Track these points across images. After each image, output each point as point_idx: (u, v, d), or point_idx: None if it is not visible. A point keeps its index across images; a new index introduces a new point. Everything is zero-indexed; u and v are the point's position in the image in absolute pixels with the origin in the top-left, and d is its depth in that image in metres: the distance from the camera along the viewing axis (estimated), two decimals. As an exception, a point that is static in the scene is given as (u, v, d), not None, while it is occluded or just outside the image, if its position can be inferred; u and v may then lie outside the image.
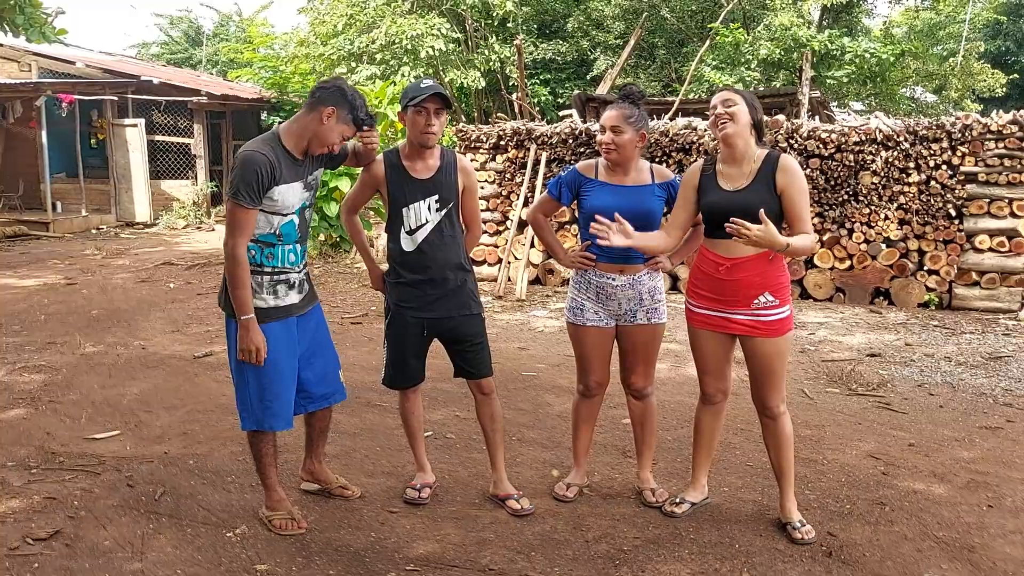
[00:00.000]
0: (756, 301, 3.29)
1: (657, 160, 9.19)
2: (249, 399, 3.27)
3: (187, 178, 17.15)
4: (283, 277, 3.27)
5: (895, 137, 8.40)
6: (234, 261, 3.10)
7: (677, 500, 3.62)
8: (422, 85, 3.40)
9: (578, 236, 3.82)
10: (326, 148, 3.21)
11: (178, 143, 17.18)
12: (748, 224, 3.00)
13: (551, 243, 3.84)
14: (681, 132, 9.13)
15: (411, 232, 3.48)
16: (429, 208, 3.48)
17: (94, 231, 15.16)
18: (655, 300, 3.60)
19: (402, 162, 3.50)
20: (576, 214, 4.08)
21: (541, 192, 9.49)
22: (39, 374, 5.63)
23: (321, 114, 3.15)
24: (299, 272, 3.35)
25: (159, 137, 16.95)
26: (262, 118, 18.98)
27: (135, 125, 16.04)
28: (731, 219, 3.06)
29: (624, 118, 3.43)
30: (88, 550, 3.18)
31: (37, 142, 14.94)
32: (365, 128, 3.28)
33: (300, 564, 3.13)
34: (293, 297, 3.32)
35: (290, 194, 3.19)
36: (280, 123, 3.33)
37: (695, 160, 8.96)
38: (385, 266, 3.70)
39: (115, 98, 15.91)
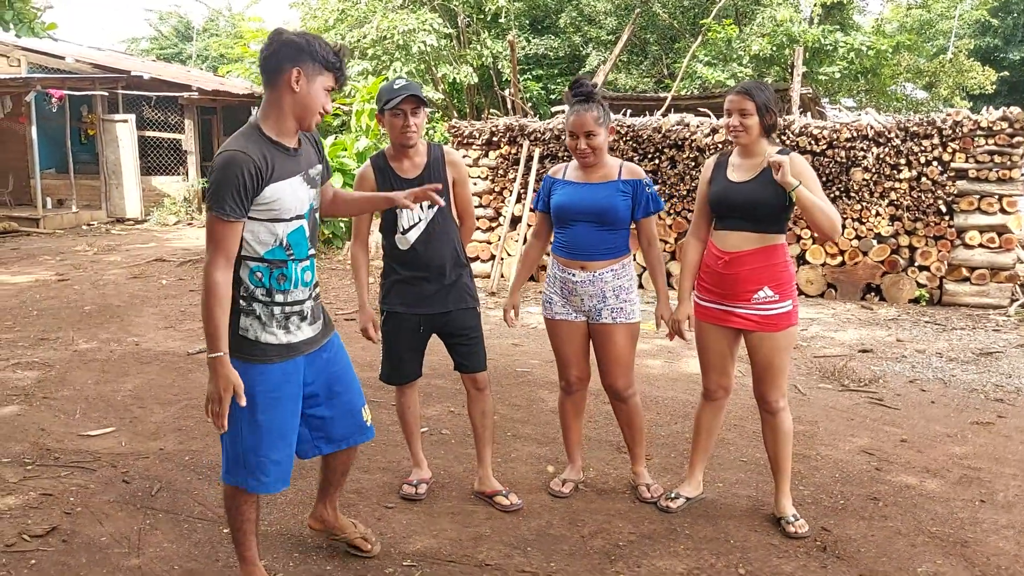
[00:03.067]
0: (755, 296, 3.31)
1: (650, 156, 9.21)
2: (240, 452, 2.68)
3: (178, 174, 17.09)
4: (297, 308, 2.70)
5: (886, 133, 8.44)
6: (207, 289, 2.49)
7: (672, 495, 3.64)
8: (395, 86, 3.38)
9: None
10: (318, 117, 2.63)
11: (169, 139, 17.12)
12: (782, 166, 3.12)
13: (515, 280, 3.83)
14: (673, 128, 9.14)
15: (405, 232, 3.48)
16: (421, 206, 3.47)
17: (85, 227, 15.10)
18: (620, 299, 3.55)
19: (389, 164, 3.51)
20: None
21: (534, 189, 9.51)
22: (32, 370, 5.61)
23: (287, 81, 2.53)
24: (313, 298, 2.78)
25: (149, 133, 16.88)
26: (253, 114, 18.89)
27: (125, 120, 15.97)
28: (770, 161, 3.15)
29: (595, 120, 3.42)
30: (85, 546, 3.18)
31: (27, 138, 14.85)
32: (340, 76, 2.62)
33: (297, 560, 3.14)
34: (306, 331, 2.73)
35: (289, 192, 2.59)
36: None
37: (687, 156, 9.01)
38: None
39: (105, 93, 15.83)
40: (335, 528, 3.14)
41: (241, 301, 2.62)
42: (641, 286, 8.49)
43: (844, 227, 8.66)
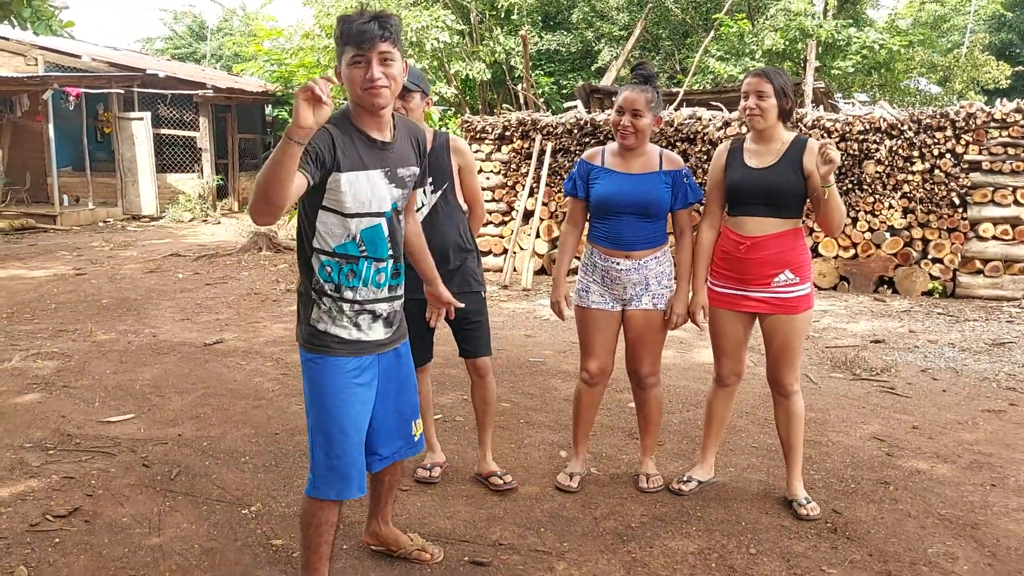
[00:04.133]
0: (776, 279, 3.34)
1: (662, 150, 9.23)
2: (312, 455, 2.57)
3: (193, 171, 17.22)
4: (368, 307, 2.56)
5: (899, 126, 8.44)
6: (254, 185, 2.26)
7: (684, 478, 3.67)
8: None
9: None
10: (366, 106, 2.42)
11: (184, 136, 17.24)
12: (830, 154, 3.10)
13: (559, 271, 3.69)
14: (686, 122, 9.17)
15: None
16: (424, 192, 3.52)
17: (101, 224, 15.24)
18: (662, 285, 3.55)
19: None
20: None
21: (546, 183, 9.55)
22: (52, 360, 5.70)
23: (338, 78, 2.43)
24: (390, 300, 2.62)
25: (165, 131, 17.02)
26: (267, 112, 19.03)
27: (141, 118, 16.11)
28: (821, 146, 3.13)
29: (647, 102, 3.38)
30: (107, 526, 3.25)
31: (44, 135, 15.00)
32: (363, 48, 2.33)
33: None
34: (378, 332, 2.60)
35: (366, 185, 2.44)
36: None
37: (700, 149, 9.02)
38: None
39: (121, 91, 15.97)
40: (390, 543, 3.04)
41: (313, 293, 2.53)
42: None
43: (856, 220, 8.67)
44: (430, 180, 3.54)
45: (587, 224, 3.69)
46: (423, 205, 3.53)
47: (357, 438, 2.57)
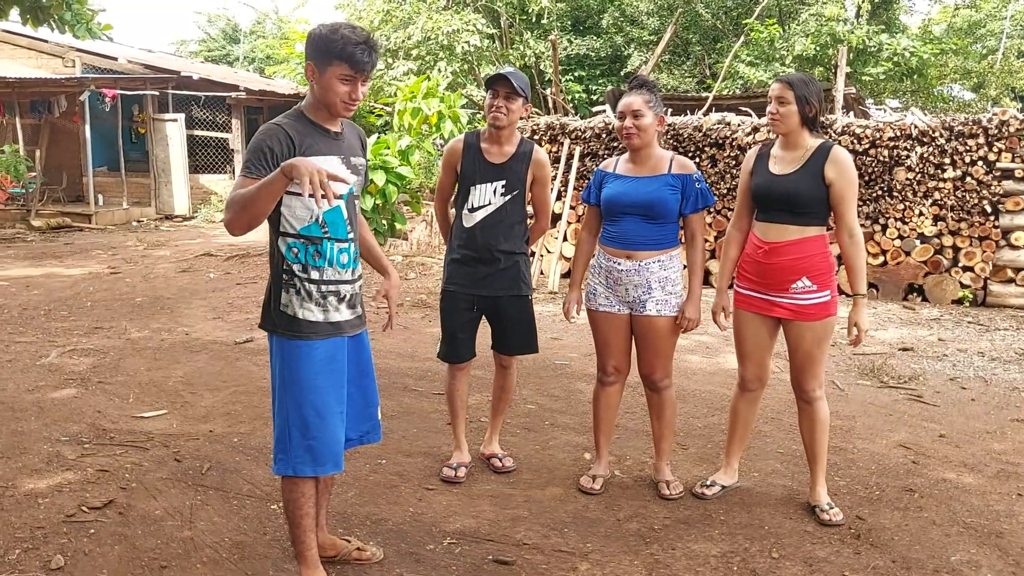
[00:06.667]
0: (794, 286, 3.36)
1: (690, 155, 9.23)
2: (288, 436, 2.71)
3: (225, 172, 17.44)
4: (333, 288, 2.71)
5: (931, 133, 8.36)
6: (231, 199, 2.50)
7: (708, 483, 3.69)
8: (501, 71, 3.60)
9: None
10: (336, 113, 2.66)
11: (216, 138, 17.47)
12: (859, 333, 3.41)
13: (574, 275, 3.83)
14: (714, 127, 9.16)
15: (472, 210, 3.65)
16: (495, 192, 3.65)
17: (135, 223, 15.49)
18: (666, 291, 3.54)
19: (480, 144, 3.70)
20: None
21: (574, 187, 9.59)
22: (88, 357, 5.82)
23: (307, 74, 2.66)
24: (352, 283, 2.79)
25: (198, 132, 17.25)
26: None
27: (175, 120, 16.35)
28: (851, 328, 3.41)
29: (644, 102, 3.47)
30: (140, 518, 3.33)
31: (80, 136, 15.27)
32: (362, 72, 2.58)
33: (341, 535, 3.24)
34: (344, 313, 2.76)
35: (327, 168, 2.52)
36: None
37: (728, 155, 9.01)
38: None
39: (156, 93, 16.22)
40: (327, 548, 3.00)
41: (283, 276, 2.69)
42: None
43: (886, 227, 8.61)
44: (503, 182, 3.64)
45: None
46: (489, 204, 3.66)
47: (333, 421, 2.73)
